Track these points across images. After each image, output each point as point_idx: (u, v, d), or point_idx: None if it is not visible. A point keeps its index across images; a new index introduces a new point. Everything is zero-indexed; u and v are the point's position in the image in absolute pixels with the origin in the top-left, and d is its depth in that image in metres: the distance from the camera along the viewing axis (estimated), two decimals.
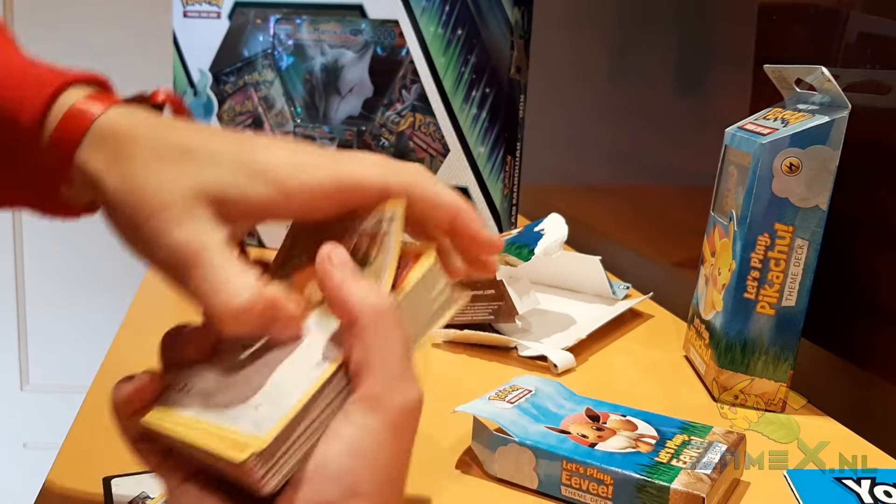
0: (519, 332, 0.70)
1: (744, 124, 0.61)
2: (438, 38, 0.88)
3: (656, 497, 0.42)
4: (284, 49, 0.96)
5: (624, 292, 0.82)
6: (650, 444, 0.46)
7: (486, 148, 0.88)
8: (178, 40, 1.02)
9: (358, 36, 0.92)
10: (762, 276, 0.56)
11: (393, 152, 0.91)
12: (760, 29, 0.73)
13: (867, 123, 0.57)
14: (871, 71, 0.58)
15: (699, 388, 0.62)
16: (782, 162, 0.54)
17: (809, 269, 0.55)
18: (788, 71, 0.60)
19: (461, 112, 0.88)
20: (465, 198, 0.38)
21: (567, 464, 0.44)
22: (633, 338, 0.74)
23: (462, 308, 0.36)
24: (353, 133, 0.94)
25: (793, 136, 0.54)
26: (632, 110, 1.02)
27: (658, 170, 0.96)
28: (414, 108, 0.90)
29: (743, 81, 0.74)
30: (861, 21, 0.61)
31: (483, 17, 0.86)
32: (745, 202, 0.56)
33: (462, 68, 0.87)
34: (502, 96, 0.86)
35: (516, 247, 0.71)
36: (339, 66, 0.93)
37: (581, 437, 0.47)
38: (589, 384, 0.62)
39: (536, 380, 0.54)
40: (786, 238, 0.55)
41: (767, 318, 0.56)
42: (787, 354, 0.56)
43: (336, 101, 0.94)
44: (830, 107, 0.55)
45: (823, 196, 0.54)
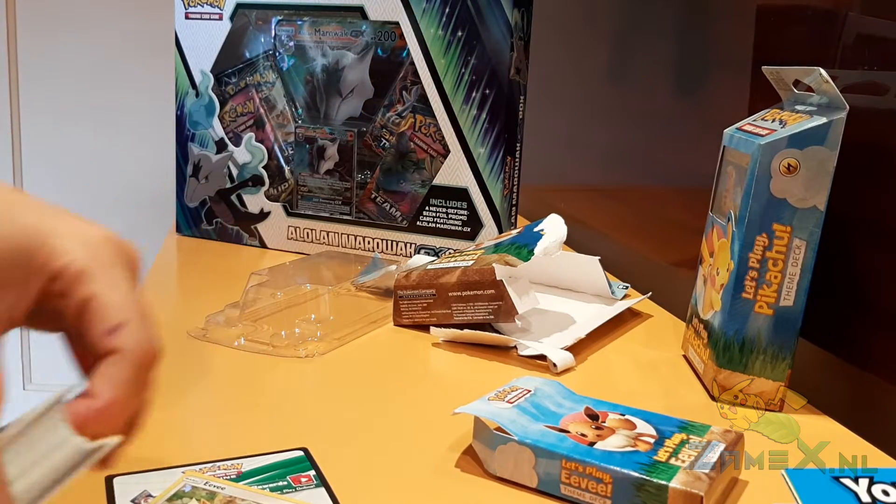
0: (519, 332, 0.71)
1: (742, 125, 0.62)
2: (439, 39, 0.88)
3: (655, 496, 0.42)
4: (286, 50, 0.96)
5: (623, 292, 0.82)
6: (649, 443, 0.46)
7: (486, 148, 0.88)
8: (180, 42, 1.02)
9: (359, 37, 0.92)
10: (760, 276, 0.56)
11: (393, 153, 0.92)
12: (759, 30, 0.73)
13: (865, 124, 0.57)
14: (869, 72, 0.59)
15: (698, 387, 0.62)
16: (780, 162, 0.54)
17: (807, 270, 0.55)
18: (786, 72, 0.60)
19: (461, 113, 0.88)
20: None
21: (566, 462, 0.44)
22: (632, 337, 0.74)
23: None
24: (354, 134, 0.94)
25: (791, 137, 0.54)
26: (631, 111, 1.02)
27: (657, 170, 0.96)
28: (414, 109, 0.90)
29: (741, 82, 0.74)
30: (859, 22, 0.61)
31: (483, 19, 0.86)
32: (744, 202, 0.56)
33: (462, 69, 0.88)
34: (502, 97, 0.87)
35: (516, 247, 0.72)
36: (339, 67, 0.94)
37: (580, 435, 0.47)
38: (588, 383, 0.62)
39: (536, 380, 0.54)
40: (784, 238, 0.55)
41: (765, 318, 0.56)
42: (785, 354, 0.57)
43: (337, 102, 0.95)
44: (828, 108, 0.55)
45: (821, 197, 0.54)
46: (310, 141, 0.97)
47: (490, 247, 0.75)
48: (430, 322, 0.71)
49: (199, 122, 1.03)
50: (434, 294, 0.71)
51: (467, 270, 0.70)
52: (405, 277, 0.73)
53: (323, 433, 0.52)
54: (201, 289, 0.87)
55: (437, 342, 0.70)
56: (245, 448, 0.47)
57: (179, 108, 1.04)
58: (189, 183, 1.05)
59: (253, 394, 0.59)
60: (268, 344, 0.66)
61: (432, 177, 0.91)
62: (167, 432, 0.51)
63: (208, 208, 1.04)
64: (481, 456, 0.48)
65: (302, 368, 0.64)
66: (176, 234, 1.07)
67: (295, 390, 0.61)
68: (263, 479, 0.44)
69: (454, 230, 0.91)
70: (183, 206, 1.06)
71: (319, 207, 0.97)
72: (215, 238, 1.04)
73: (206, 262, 0.98)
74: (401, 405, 0.59)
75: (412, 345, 0.70)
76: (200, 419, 0.55)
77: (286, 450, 0.48)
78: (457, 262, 0.73)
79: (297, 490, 0.43)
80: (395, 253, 0.94)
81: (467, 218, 0.90)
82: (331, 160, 0.96)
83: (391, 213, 0.93)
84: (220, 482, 0.42)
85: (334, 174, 0.96)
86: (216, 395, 0.60)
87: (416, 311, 0.72)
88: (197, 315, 0.71)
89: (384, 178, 0.93)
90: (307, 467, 0.46)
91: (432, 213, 0.91)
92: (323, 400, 0.59)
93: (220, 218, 1.03)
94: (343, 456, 0.49)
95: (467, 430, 0.49)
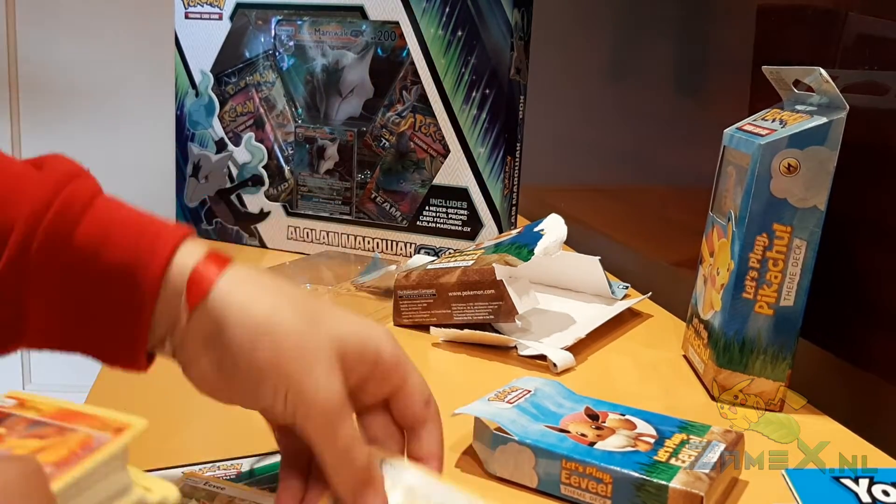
0: (519, 332, 0.71)
1: (742, 125, 0.61)
2: (439, 39, 0.88)
3: (655, 496, 0.42)
4: (285, 50, 0.96)
5: (623, 292, 0.82)
6: (649, 443, 0.46)
7: (486, 148, 0.88)
8: (180, 41, 1.02)
9: (359, 37, 0.92)
10: (760, 276, 0.56)
11: (393, 153, 0.92)
12: (759, 30, 0.73)
13: (865, 124, 0.57)
14: (869, 72, 0.59)
15: (698, 387, 0.62)
16: (780, 162, 0.54)
17: (807, 269, 0.55)
18: (787, 72, 0.60)
19: (461, 113, 0.88)
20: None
21: (566, 462, 0.44)
22: (632, 337, 0.74)
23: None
24: (354, 134, 0.94)
25: (791, 137, 0.54)
26: (631, 111, 1.02)
27: (657, 170, 0.96)
28: (414, 108, 0.90)
29: (741, 82, 0.74)
30: (859, 22, 0.61)
31: (483, 19, 0.86)
32: (744, 202, 0.56)
33: (462, 69, 0.88)
34: (502, 97, 0.87)
35: (516, 247, 0.71)
36: (339, 67, 0.94)
37: (580, 435, 0.47)
38: (588, 383, 0.62)
39: (536, 380, 0.54)
40: (784, 238, 0.55)
41: (766, 318, 0.56)
42: (785, 354, 0.57)
43: (337, 102, 0.94)
44: (828, 108, 0.55)
45: (821, 196, 0.54)
46: (310, 141, 0.96)
47: (490, 247, 0.75)
48: (430, 322, 0.71)
49: (198, 122, 1.03)
50: (434, 294, 0.71)
51: (467, 270, 0.70)
52: (405, 277, 0.73)
53: None
54: None
55: (437, 342, 0.70)
56: (245, 448, 0.47)
57: (179, 108, 1.04)
58: (189, 183, 1.05)
59: None
60: None
61: (432, 177, 0.91)
62: (167, 432, 0.51)
63: (208, 208, 1.04)
64: (481, 456, 0.48)
65: None
66: None
67: None
68: (263, 480, 0.44)
69: (454, 230, 0.91)
70: (183, 206, 1.06)
71: (319, 207, 0.97)
72: (215, 238, 1.04)
73: None
74: None
75: (412, 345, 0.70)
76: (200, 419, 0.55)
77: None
78: (457, 262, 0.73)
79: None
80: (395, 253, 0.94)
81: (467, 218, 0.90)
82: (331, 160, 0.96)
83: (391, 213, 0.93)
84: (220, 482, 0.42)
85: (334, 174, 0.96)
86: None
87: (416, 311, 0.72)
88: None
89: (384, 178, 0.93)
90: None
91: (432, 213, 0.91)
92: None
93: (220, 218, 1.03)
94: None
95: (467, 430, 0.49)
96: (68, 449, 0.28)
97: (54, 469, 0.27)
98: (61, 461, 0.27)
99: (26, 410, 0.31)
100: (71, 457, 0.28)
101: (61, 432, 0.29)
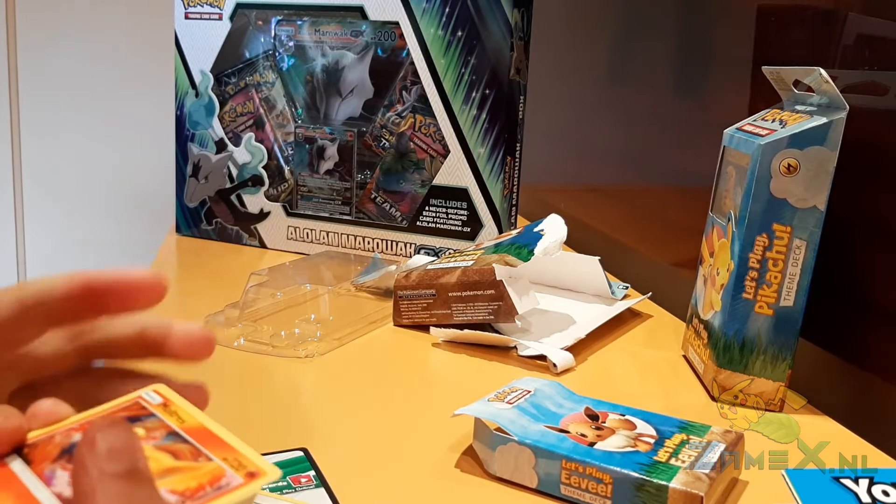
0: (519, 332, 0.71)
1: (742, 125, 0.61)
2: (439, 39, 0.88)
3: (655, 496, 0.42)
4: (285, 50, 0.96)
5: (623, 292, 0.82)
6: (649, 443, 0.46)
7: (486, 149, 0.88)
8: (180, 42, 1.02)
9: (358, 37, 0.92)
10: (760, 277, 0.56)
11: (393, 153, 0.92)
12: (759, 30, 0.73)
13: (865, 124, 0.57)
14: (869, 72, 0.59)
15: (698, 387, 0.62)
16: (780, 163, 0.54)
17: (807, 270, 0.55)
18: (787, 72, 0.60)
19: (461, 113, 0.88)
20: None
21: (566, 463, 0.44)
22: (632, 337, 0.74)
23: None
24: (354, 134, 0.94)
25: (791, 137, 0.54)
26: (631, 111, 1.02)
27: (657, 170, 0.96)
28: (414, 109, 0.90)
29: (741, 82, 0.74)
30: (859, 22, 0.61)
31: (483, 19, 0.86)
32: (744, 202, 0.56)
33: (462, 69, 0.88)
34: (502, 97, 0.87)
35: (516, 247, 0.72)
36: (339, 67, 0.94)
37: (580, 436, 0.47)
38: (588, 383, 0.62)
39: (536, 380, 0.54)
40: (784, 238, 0.55)
41: (765, 318, 0.56)
42: (785, 354, 0.57)
43: (337, 102, 0.94)
44: (828, 108, 0.55)
45: (821, 197, 0.54)
46: (310, 141, 0.96)
47: (490, 247, 0.75)
48: (430, 322, 0.71)
49: (198, 122, 1.03)
50: (434, 294, 0.71)
51: (467, 270, 0.70)
52: (405, 277, 0.73)
53: (323, 433, 0.52)
54: (201, 289, 0.87)
55: (437, 342, 0.70)
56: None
57: (179, 108, 1.04)
58: (189, 183, 1.05)
59: (252, 394, 0.59)
60: (268, 344, 0.66)
61: (432, 177, 0.91)
62: None
63: (208, 208, 1.04)
64: (481, 456, 0.48)
65: (302, 369, 0.64)
66: (176, 234, 1.07)
67: (294, 390, 0.61)
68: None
69: (454, 230, 0.91)
70: (183, 206, 1.06)
71: (319, 207, 0.97)
72: (215, 238, 1.04)
73: (205, 263, 0.98)
74: (400, 406, 0.59)
75: (412, 345, 0.70)
76: None
77: (286, 450, 0.48)
78: (457, 263, 0.73)
79: (296, 490, 0.43)
80: (395, 253, 0.94)
81: (467, 218, 0.90)
82: (331, 160, 0.96)
83: (391, 213, 0.93)
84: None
85: (334, 174, 0.96)
86: (215, 396, 0.60)
87: (416, 312, 0.72)
88: (196, 315, 0.71)
89: (384, 178, 0.93)
90: (307, 467, 0.46)
91: (432, 213, 0.91)
92: (322, 400, 0.59)
93: (220, 218, 1.03)
94: (343, 456, 0.49)
95: (467, 430, 0.49)
96: (197, 481, 0.26)
97: (178, 499, 0.25)
98: (187, 492, 0.26)
99: (169, 415, 0.30)
100: (198, 490, 0.26)
101: (196, 456, 0.28)
